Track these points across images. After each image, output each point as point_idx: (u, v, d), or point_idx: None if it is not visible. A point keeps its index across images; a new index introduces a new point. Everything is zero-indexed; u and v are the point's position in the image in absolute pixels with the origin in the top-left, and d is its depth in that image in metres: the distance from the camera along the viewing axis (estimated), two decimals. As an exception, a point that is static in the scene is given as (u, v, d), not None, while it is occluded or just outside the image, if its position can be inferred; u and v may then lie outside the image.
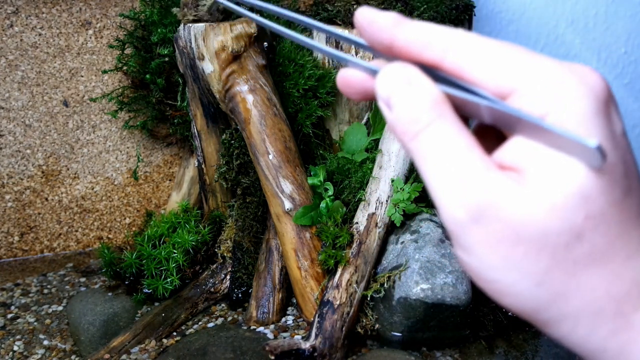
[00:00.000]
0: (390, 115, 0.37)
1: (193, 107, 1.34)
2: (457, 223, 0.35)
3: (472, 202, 0.34)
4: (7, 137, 1.46)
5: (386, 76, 0.38)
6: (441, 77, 0.37)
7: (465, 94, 0.35)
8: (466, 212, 0.34)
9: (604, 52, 1.79)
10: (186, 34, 1.24)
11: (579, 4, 1.73)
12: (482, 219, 0.34)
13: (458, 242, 0.36)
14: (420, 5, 1.34)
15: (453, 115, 0.36)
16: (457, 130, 0.35)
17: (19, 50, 1.42)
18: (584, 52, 1.77)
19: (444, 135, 0.35)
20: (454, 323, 1.12)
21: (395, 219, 1.17)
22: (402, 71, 0.37)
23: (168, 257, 1.31)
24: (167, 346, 1.16)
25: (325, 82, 1.26)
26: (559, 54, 1.75)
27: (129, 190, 1.56)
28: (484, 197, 0.34)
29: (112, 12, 1.46)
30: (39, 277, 1.43)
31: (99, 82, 1.48)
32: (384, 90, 0.38)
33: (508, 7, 1.67)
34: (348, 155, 1.30)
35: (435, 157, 0.35)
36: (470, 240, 0.35)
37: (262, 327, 1.20)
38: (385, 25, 0.39)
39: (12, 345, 1.19)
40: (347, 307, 1.11)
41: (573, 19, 1.74)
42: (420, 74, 0.37)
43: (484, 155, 0.35)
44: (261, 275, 1.26)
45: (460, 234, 0.35)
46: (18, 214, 1.50)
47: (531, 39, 1.72)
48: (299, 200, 1.20)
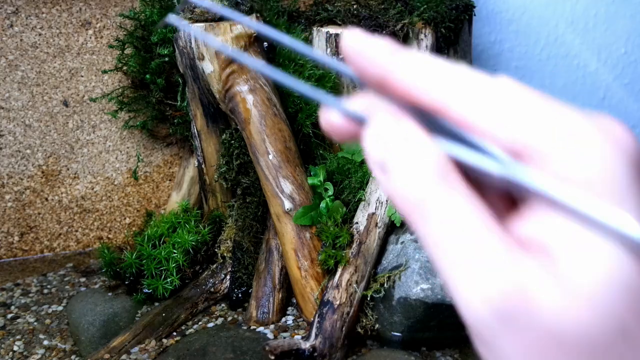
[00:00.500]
0: (387, 183, 0.30)
1: (193, 107, 1.34)
2: (482, 324, 0.29)
3: (497, 299, 0.28)
4: (7, 137, 1.46)
5: (377, 134, 0.31)
6: (439, 125, 0.32)
7: (473, 154, 0.31)
8: (492, 311, 0.29)
9: (604, 52, 1.79)
10: (186, 34, 1.24)
11: (579, 5, 1.73)
12: (512, 321, 0.29)
13: (482, 340, 0.31)
14: (420, 5, 1.34)
15: (462, 183, 0.30)
16: (470, 205, 0.29)
17: (19, 50, 1.42)
18: (584, 52, 1.78)
19: (456, 212, 0.29)
20: (454, 323, 1.12)
21: (395, 219, 1.17)
22: (396, 128, 0.31)
23: (168, 257, 1.30)
24: (167, 346, 1.16)
25: (325, 82, 1.26)
26: (559, 54, 1.75)
27: (129, 190, 1.56)
28: (511, 290, 0.28)
29: (112, 12, 1.45)
30: (39, 277, 1.43)
31: (99, 82, 1.48)
32: (375, 152, 0.31)
33: (508, 7, 1.67)
34: (348, 155, 1.30)
35: (447, 242, 0.30)
36: (499, 345, 0.30)
37: (262, 327, 1.20)
38: (377, 58, 0.32)
39: (12, 345, 1.19)
40: (347, 307, 1.11)
41: (573, 19, 1.74)
42: (418, 130, 0.31)
43: (504, 234, 0.30)
44: (261, 275, 1.26)
45: (486, 335, 0.30)
46: (18, 214, 1.50)
47: (531, 39, 1.72)
48: (299, 200, 1.20)
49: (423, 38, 1.29)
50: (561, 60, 1.76)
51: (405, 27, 1.25)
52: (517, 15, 1.68)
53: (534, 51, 1.73)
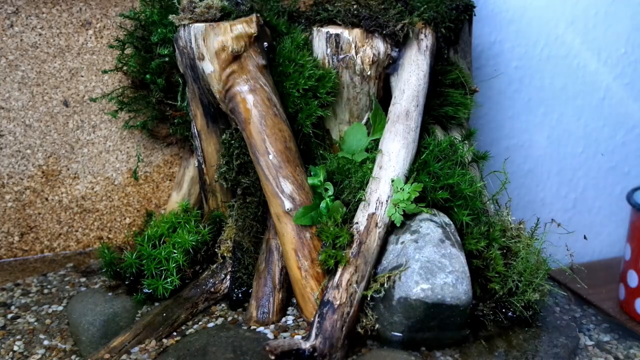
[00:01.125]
0: None
1: (193, 107, 1.34)
2: None
3: None
4: (8, 137, 1.46)
5: None
6: None
7: None
8: None
9: (604, 52, 1.79)
10: (186, 34, 1.24)
11: (579, 5, 1.73)
12: None
13: None
14: (421, 6, 1.34)
15: None
16: None
17: (19, 50, 1.42)
18: (584, 52, 1.78)
19: None
20: (454, 323, 1.13)
21: (395, 219, 1.17)
22: None
23: (168, 257, 1.31)
24: (167, 346, 1.16)
25: (325, 82, 1.26)
26: (559, 54, 1.75)
27: (129, 190, 1.56)
28: None
29: (112, 12, 1.46)
30: (39, 277, 1.43)
31: (99, 82, 1.48)
32: None
33: (508, 7, 1.67)
34: (348, 155, 1.30)
35: None
36: None
37: (262, 327, 1.20)
38: None
39: (12, 345, 1.19)
40: (347, 307, 1.11)
41: (573, 19, 1.74)
42: None
43: None
44: (261, 275, 1.26)
45: None
46: (18, 214, 1.50)
47: (531, 39, 1.72)
48: (299, 200, 1.20)
49: (423, 38, 1.29)
50: (561, 60, 1.77)
51: (405, 27, 1.25)
52: (517, 15, 1.68)
53: (534, 51, 1.73)
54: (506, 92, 1.75)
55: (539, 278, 1.20)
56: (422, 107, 1.27)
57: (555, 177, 1.88)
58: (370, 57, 1.26)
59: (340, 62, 1.28)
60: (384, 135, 1.25)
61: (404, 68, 1.28)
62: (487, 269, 1.20)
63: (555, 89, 1.79)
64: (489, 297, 1.21)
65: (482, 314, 1.20)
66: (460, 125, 1.41)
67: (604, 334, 1.26)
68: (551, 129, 1.82)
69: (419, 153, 1.25)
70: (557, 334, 1.20)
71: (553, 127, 1.82)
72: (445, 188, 1.21)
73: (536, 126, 1.81)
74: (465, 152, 1.30)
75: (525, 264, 1.20)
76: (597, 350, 1.20)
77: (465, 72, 1.39)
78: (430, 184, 1.20)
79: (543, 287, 1.22)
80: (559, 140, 1.84)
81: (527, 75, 1.75)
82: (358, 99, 1.32)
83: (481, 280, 1.21)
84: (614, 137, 1.89)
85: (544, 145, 1.83)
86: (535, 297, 1.19)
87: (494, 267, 1.20)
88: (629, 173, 1.94)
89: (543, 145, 1.83)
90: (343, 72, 1.28)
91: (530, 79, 1.75)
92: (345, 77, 1.29)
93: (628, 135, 1.90)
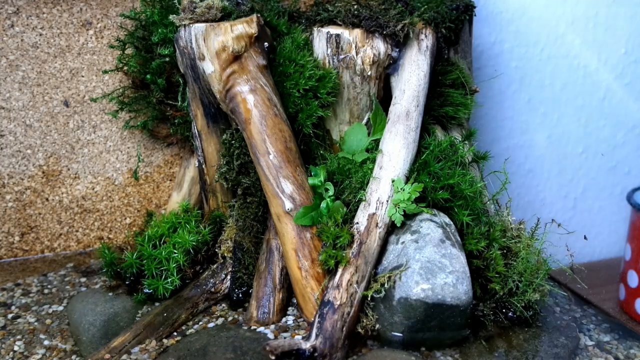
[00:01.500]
0: None
1: (193, 107, 1.34)
2: None
3: None
4: (8, 137, 1.46)
5: None
6: None
7: None
8: None
9: (604, 52, 1.79)
10: (187, 34, 1.24)
11: (579, 5, 1.73)
12: None
13: None
14: (421, 6, 1.34)
15: None
16: None
17: (20, 51, 1.42)
18: (584, 52, 1.78)
19: None
20: (454, 323, 1.13)
21: (395, 219, 1.17)
22: None
23: (168, 257, 1.31)
24: (168, 346, 1.16)
25: (326, 83, 1.26)
26: (559, 54, 1.75)
27: (130, 190, 1.56)
28: None
29: (113, 12, 1.46)
30: (40, 277, 1.43)
31: (99, 82, 1.49)
32: None
33: (508, 7, 1.67)
34: (348, 156, 1.30)
35: None
36: None
37: (262, 327, 1.21)
38: None
39: (12, 345, 1.19)
40: (348, 307, 1.11)
41: (573, 19, 1.74)
42: None
43: None
44: (262, 276, 1.26)
45: None
46: (19, 214, 1.50)
47: (531, 39, 1.72)
48: (300, 201, 1.20)
49: (423, 38, 1.29)
50: (561, 60, 1.77)
51: (405, 28, 1.25)
52: (517, 16, 1.69)
53: (534, 51, 1.73)
54: (506, 92, 1.75)
55: (539, 278, 1.20)
56: (422, 107, 1.27)
57: (556, 177, 1.88)
58: (371, 57, 1.26)
59: (341, 63, 1.28)
60: (384, 135, 1.25)
61: (405, 68, 1.28)
62: (487, 269, 1.20)
63: (556, 89, 1.79)
64: (489, 297, 1.21)
65: (483, 314, 1.20)
66: (460, 125, 1.41)
67: (604, 334, 1.26)
68: (551, 129, 1.83)
69: (419, 153, 1.25)
70: (558, 334, 1.20)
71: (553, 127, 1.82)
72: (446, 188, 1.22)
73: (536, 126, 1.81)
74: (466, 152, 1.30)
75: (526, 264, 1.20)
76: (598, 350, 1.20)
77: (466, 72, 1.39)
78: (430, 184, 1.21)
79: (543, 287, 1.22)
80: (559, 140, 1.84)
81: (527, 75, 1.75)
82: (358, 99, 1.32)
83: (481, 281, 1.21)
84: (614, 137, 1.89)
85: (544, 145, 1.83)
86: (535, 297, 1.19)
87: (494, 267, 1.20)
88: (629, 173, 1.94)
89: (543, 145, 1.83)
90: (343, 73, 1.28)
91: (531, 79, 1.76)
92: (346, 77, 1.29)
93: (628, 135, 1.90)
